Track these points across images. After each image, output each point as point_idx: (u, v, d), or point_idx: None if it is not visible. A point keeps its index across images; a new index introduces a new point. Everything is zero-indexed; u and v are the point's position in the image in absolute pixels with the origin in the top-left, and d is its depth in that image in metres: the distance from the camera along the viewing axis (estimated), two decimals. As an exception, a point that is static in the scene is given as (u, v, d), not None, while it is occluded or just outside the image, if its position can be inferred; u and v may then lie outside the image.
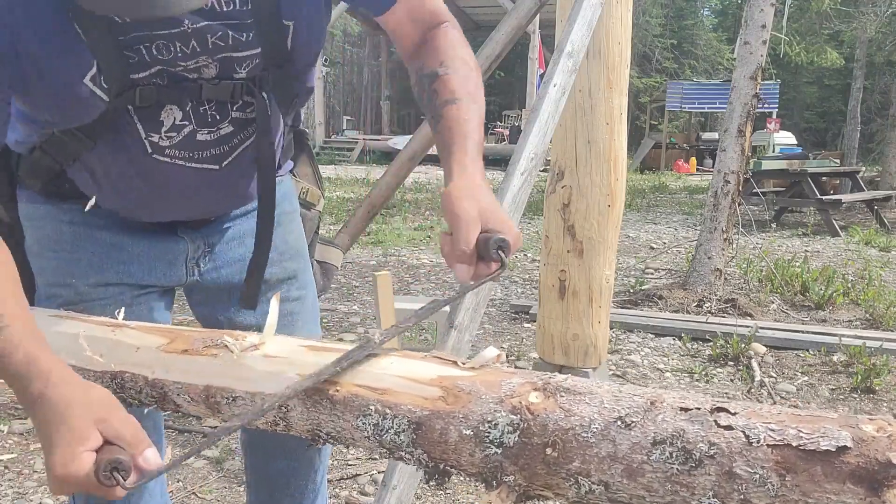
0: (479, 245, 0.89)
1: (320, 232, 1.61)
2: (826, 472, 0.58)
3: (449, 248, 0.91)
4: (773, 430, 0.60)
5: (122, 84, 1.03)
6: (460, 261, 0.89)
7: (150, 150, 1.12)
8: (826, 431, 0.59)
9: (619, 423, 0.64)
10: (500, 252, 0.88)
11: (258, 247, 1.27)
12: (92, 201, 1.21)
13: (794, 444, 0.59)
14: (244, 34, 1.06)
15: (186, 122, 1.11)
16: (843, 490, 0.57)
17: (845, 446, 0.58)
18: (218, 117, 1.13)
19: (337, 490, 2.40)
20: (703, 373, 3.62)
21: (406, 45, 1.17)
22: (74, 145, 1.13)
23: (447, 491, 2.41)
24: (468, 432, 0.68)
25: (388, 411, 0.72)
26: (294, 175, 1.48)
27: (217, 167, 1.18)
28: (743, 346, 3.82)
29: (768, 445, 0.60)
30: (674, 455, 0.62)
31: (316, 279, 1.52)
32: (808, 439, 0.59)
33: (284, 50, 1.10)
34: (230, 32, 1.05)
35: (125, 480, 0.73)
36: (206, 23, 1.02)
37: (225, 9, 1.03)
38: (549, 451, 0.65)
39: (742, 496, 0.60)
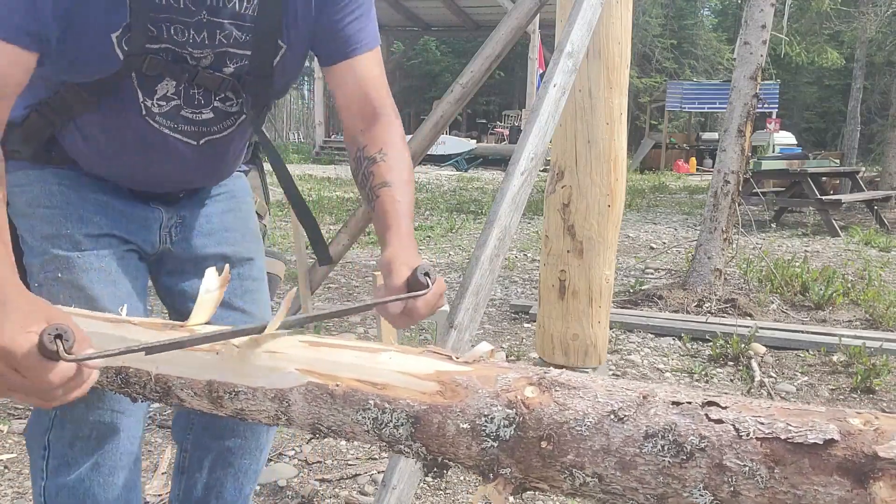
0: (411, 279, 1.04)
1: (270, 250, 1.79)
2: (814, 464, 0.59)
3: (386, 288, 1.08)
4: (762, 424, 0.62)
5: (139, 50, 1.17)
6: (393, 293, 1.05)
7: (143, 112, 1.25)
8: (814, 425, 0.61)
9: (612, 416, 0.65)
10: (426, 277, 1.02)
11: (305, 226, 1.45)
12: None
13: (783, 437, 0.60)
14: (244, 35, 1.22)
15: (175, 98, 1.26)
16: (830, 482, 0.58)
17: (832, 439, 0.59)
18: (203, 101, 1.29)
19: (337, 490, 2.41)
20: (703, 373, 3.63)
21: (349, 125, 1.33)
22: (78, 104, 1.24)
23: (447, 491, 2.41)
24: (465, 426, 0.70)
25: (387, 405, 0.73)
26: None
27: (195, 143, 1.32)
28: (743, 346, 3.83)
29: (757, 438, 0.61)
30: (665, 448, 0.63)
31: None
32: (796, 432, 0.60)
33: (269, 65, 1.28)
34: (234, 32, 1.20)
35: (67, 353, 0.75)
36: (220, 20, 1.18)
37: (241, 10, 1.19)
38: (544, 444, 0.67)
39: (732, 488, 0.61)
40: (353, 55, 1.31)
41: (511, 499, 1.85)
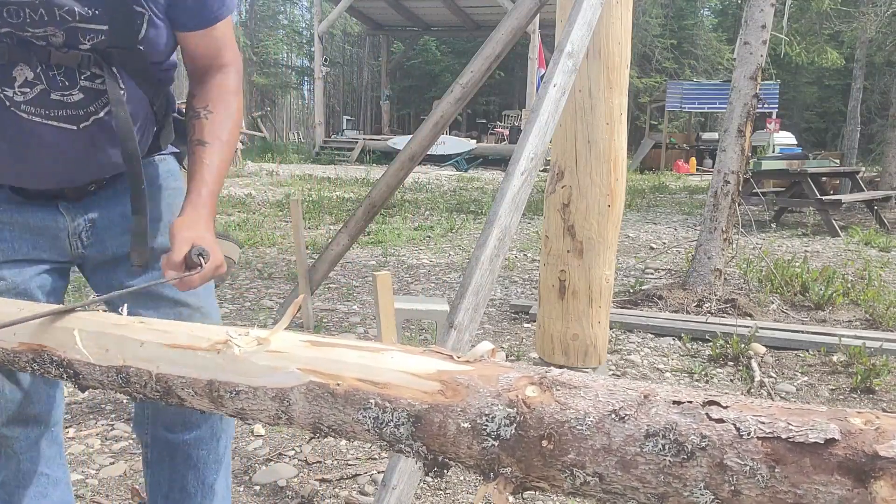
0: (187, 258, 1.20)
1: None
2: (814, 463, 0.59)
3: (166, 261, 1.20)
4: (763, 423, 0.62)
5: None
6: (171, 268, 1.19)
7: (7, 104, 1.22)
8: (815, 424, 0.61)
9: (613, 416, 0.65)
10: (199, 257, 1.19)
11: (135, 212, 1.39)
12: None
13: (784, 436, 0.60)
14: (90, 10, 1.18)
15: (38, 82, 1.23)
16: (830, 481, 0.58)
17: (833, 438, 0.59)
18: (67, 83, 1.24)
19: (337, 490, 2.41)
20: (703, 373, 3.63)
21: (190, 72, 1.36)
22: None
23: (447, 491, 2.41)
24: (466, 425, 0.70)
25: (387, 405, 0.73)
26: (183, 166, 1.58)
27: (75, 127, 1.27)
28: (743, 346, 3.83)
29: (758, 438, 0.61)
30: (666, 447, 0.63)
31: None
32: (797, 432, 0.60)
33: (134, 36, 1.24)
34: (76, 9, 1.16)
35: None
36: None
37: None
38: (545, 443, 0.67)
39: (733, 487, 0.61)
40: (213, 23, 1.31)
41: (511, 498, 1.85)
